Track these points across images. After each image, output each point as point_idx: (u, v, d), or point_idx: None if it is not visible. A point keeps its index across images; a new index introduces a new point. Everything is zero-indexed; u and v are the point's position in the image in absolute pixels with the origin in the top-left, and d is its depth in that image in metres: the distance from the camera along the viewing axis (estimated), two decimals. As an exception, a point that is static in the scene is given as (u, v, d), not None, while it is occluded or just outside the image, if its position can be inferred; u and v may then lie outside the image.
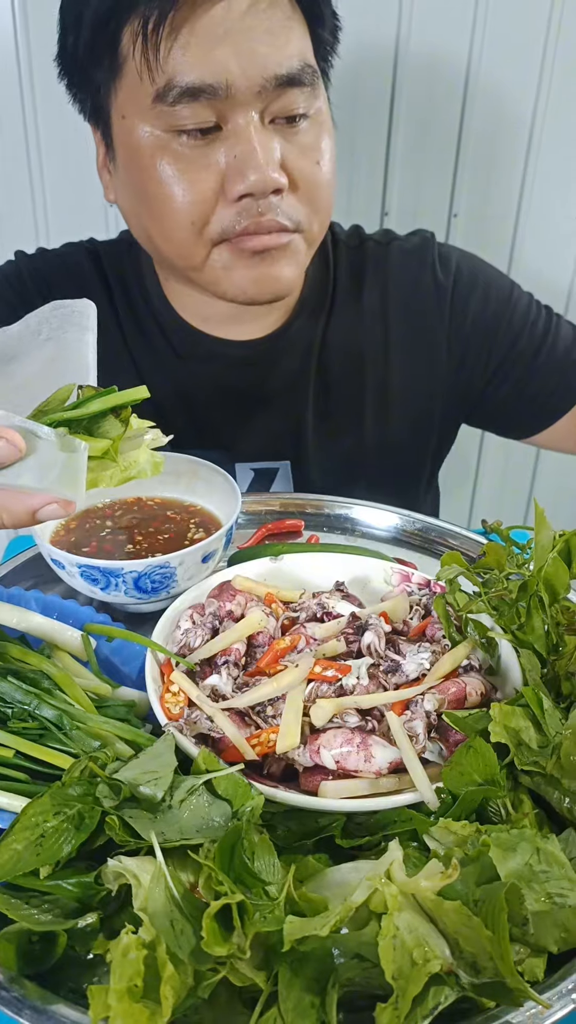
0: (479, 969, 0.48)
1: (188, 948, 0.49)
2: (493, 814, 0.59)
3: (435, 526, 1.05)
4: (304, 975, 0.49)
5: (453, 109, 1.56)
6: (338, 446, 1.21)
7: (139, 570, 0.80)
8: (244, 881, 0.52)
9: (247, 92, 0.88)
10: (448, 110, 1.56)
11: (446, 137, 1.58)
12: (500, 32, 1.49)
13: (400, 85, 1.53)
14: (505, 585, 0.76)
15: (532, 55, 1.52)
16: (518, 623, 0.73)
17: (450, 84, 1.53)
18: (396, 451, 1.23)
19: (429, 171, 1.61)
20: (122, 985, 0.45)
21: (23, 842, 0.54)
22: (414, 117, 1.56)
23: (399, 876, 0.51)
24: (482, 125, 1.56)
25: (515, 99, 1.54)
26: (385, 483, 1.23)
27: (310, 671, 0.68)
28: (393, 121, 1.57)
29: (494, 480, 1.97)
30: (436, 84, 1.53)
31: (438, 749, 0.65)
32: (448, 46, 1.50)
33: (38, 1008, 0.49)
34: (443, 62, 1.51)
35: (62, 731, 0.65)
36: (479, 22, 1.49)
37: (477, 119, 1.56)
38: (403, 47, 1.50)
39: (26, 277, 1.15)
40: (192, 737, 0.65)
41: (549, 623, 0.72)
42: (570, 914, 0.52)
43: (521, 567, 0.81)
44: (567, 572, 0.73)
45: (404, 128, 1.57)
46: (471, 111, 1.55)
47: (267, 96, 0.90)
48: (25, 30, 1.52)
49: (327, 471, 1.21)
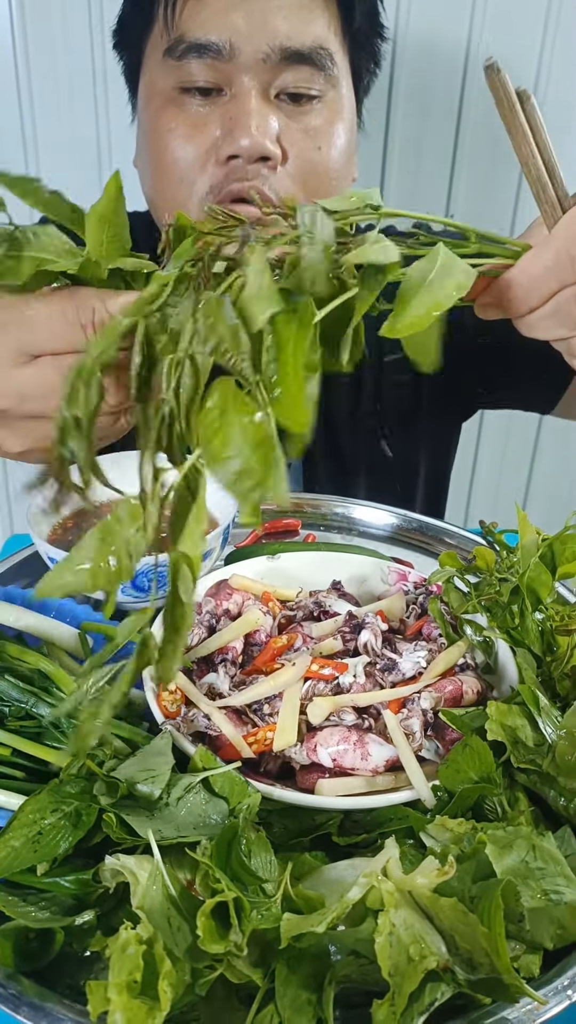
0: (475, 965, 0.48)
1: (185, 945, 0.49)
2: (489, 812, 0.60)
3: (432, 525, 1.05)
4: (301, 972, 0.49)
5: (451, 108, 1.56)
6: (348, 445, 1.21)
7: (136, 568, 0.80)
8: (241, 878, 0.52)
9: (251, 57, 0.90)
10: (447, 106, 1.56)
11: (444, 135, 1.58)
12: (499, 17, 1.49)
13: (397, 81, 1.53)
14: (496, 588, 0.76)
15: (530, 55, 1.52)
16: (513, 624, 0.73)
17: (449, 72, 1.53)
18: (406, 448, 1.23)
19: (426, 168, 1.61)
20: (121, 979, 0.45)
21: (20, 839, 0.54)
22: (411, 118, 1.57)
23: (395, 873, 0.51)
24: (480, 125, 1.56)
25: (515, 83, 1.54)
26: (393, 484, 1.23)
27: (307, 669, 0.68)
28: (391, 122, 1.57)
29: (491, 478, 1.97)
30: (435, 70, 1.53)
31: (434, 747, 0.65)
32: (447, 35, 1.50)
33: (35, 1005, 0.49)
34: (441, 50, 1.52)
35: (59, 729, 0.66)
36: (476, 22, 1.49)
37: (476, 116, 1.56)
38: (401, 40, 1.51)
39: None
40: (189, 735, 0.65)
41: (542, 625, 0.72)
42: (566, 911, 0.52)
43: (510, 570, 0.81)
44: (550, 577, 0.73)
45: (403, 129, 1.58)
46: (468, 111, 1.55)
47: (273, 67, 0.91)
48: (23, 30, 1.52)
49: (337, 470, 1.21)
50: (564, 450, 1.92)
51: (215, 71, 0.92)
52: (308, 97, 0.94)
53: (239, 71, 0.91)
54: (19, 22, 1.51)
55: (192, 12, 0.91)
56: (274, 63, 0.91)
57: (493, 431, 1.89)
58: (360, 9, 0.97)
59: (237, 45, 0.90)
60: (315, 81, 0.93)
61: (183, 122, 0.95)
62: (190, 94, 0.94)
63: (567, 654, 0.70)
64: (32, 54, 1.54)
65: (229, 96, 0.93)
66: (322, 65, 0.93)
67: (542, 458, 1.95)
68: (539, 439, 1.93)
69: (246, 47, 0.90)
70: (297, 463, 1.22)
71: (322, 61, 0.93)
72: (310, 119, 0.95)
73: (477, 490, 1.98)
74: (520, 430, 1.90)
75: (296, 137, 0.94)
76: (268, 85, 0.92)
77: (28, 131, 1.61)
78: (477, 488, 1.98)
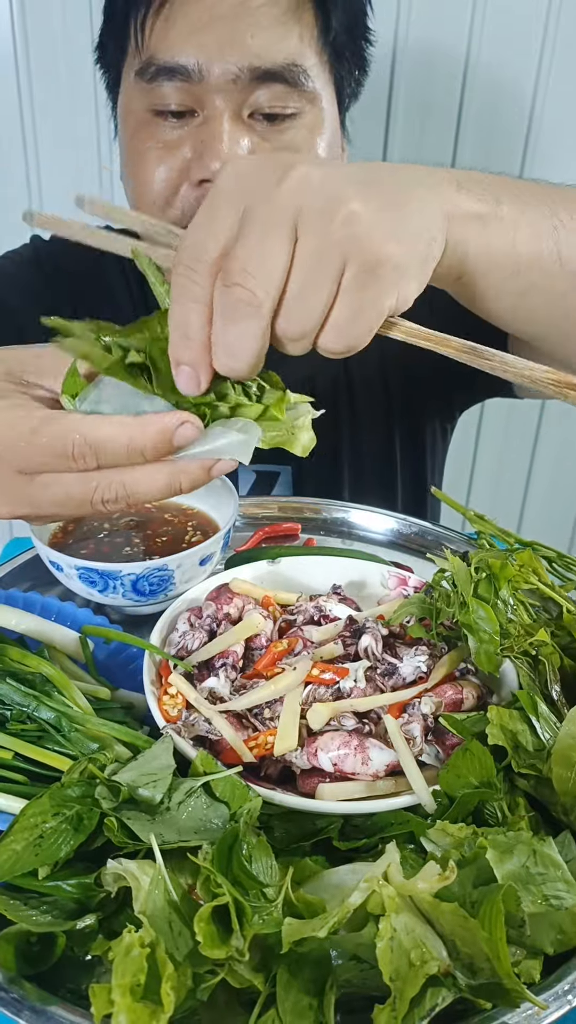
0: (476, 970, 0.48)
1: (186, 950, 0.49)
2: (489, 817, 0.60)
3: (431, 530, 1.06)
4: (302, 977, 0.49)
5: (451, 107, 1.56)
6: (340, 454, 1.21)
7: (137, 572, 0.81)
8: (242, 883, 0.52)
9: (220, 78, 0.88)
10: (446, 117, 1.56)
11: (443, 138, 1.58)
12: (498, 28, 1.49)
13: (397, 84, 1.54)
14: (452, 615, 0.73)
15: (529, 58, 1.52)
16: None
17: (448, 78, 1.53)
18: (398, 460, 1.23)
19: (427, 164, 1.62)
20: (125, 982, 0.45)
21: (22, 842, 0.54)
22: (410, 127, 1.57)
23: (396, 878, 0.51)
24: (479, 126, 1.57)
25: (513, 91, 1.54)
26: (387, 491, 1.23)
27: (307, 674, 0.69)
28: (390, 131, 1.58)
29: (489, 480, 1.97)
30: (434, 79, 1.53)
31: (435, 752, 0.66)
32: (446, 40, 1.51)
33: (37, 1009, 0.49)
34: (441, 57, 1.52)
35: (60, 733, 0.66)
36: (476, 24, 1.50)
37: (475, 127, 1.56)
38: (401, 44, 1.51)
39: (43, 258, 1.15)
40: (190, 739, 0.65)
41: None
42: (566, 916, 0.52)
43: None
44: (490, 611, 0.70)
45: (402, 138, 1.58)
46: (467, 121, 1.56)
47: (244, 87, 0.89)
48: (24, 29, 1.52)
49: (327, 479, 1.21)
50: (564, 451, 1.92)
51: (186, 93, 0.90)
52: (284, 116, 0.92)
53: (210, 92, 0.89)
54: (19, 22, 1.52)
55: (160, 34, 0.89)
56: (245, 83, 0.88)
57: (491, 431, 1.90)
58: (338, 18, 0.93)
59: (206, 67, 0.87)
60: (290, 99, 0.91)
61: (156, 144, 0.93)
62: (163, 116, 0.92)
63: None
64: (32, 54, 1.55)
65: (202, 118, 0.91)
66: (296, 82, 0.90)
67: (542, 459, 1.95)
68: (538, 441, 1.93)
69: (215, 68, 0.87)
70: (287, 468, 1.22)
71: (296, 78, 0.90)
72: (287, 137, 0.93)
73: (477, 490, 1.99)
74: (519, 430, 1.90)
75: None
76: (240, 105, 0.90)
77: (28, 131, 1.61)
78: (477, 489, 1.99)
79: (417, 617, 0.75)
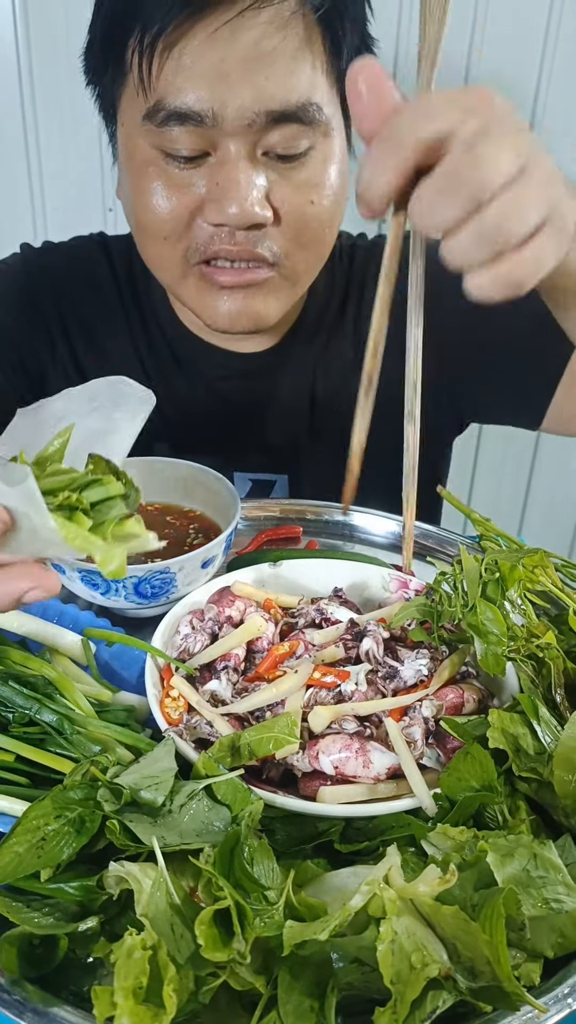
0: (476, 973, 0.48)
1: (188, 953, 0.49)
2: (490, 820, 0.60)
3: (432, 533, 1.06)
4: (303, 979, 0.49)
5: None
6: (338, 464, 1.20)
7: (139, 575, 0.81)
8: (243, 886, 0.53)
9: (236, 123, 0.86)
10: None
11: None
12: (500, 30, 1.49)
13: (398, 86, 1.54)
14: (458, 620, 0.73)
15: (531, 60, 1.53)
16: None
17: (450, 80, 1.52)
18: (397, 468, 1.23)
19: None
20: (128, 984, 0.45)
21: (24, 844, 0.54)
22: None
23: (397, 881, 0.51)
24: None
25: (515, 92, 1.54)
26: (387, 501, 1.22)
27: (309, 677, 0.69)
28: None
29: (490, 483, 1.97)
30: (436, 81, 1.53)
31: (436, 755, 0.66)
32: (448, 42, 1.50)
33: (39, 1011, 0.50)
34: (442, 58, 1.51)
35: (63, 735, 0.66)
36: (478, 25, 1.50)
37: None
38: (403, 48, 1.51)
39: (33, 270, 1.14)
40: (192, 742, 0.65)
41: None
42: (566, 919, 0.52)
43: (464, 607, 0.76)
44: (497, 612, 0.70)
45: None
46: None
47: (259, 129, 0.87)
48: (26, 30, 1.53)
49: (326, 488, 1.21)
50: (564, 453, 1.92)
51: (199, 137, 0.87)
52: (297, 155, 0.90)
53: (224, 136, 0.87)
54: (22, 23, 1.52)
55: (171, 76, 0.85)
56: (260, 126, 0.86)
57: (492, 438, 1.90)
58: (349, 44, 0.91)
59: (220, 113, 0.85)
60: (303, 136, 0.89)
61: (166, 183, 0.91)
62: (174, 158, 0.90)
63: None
64: (35, 54, 1.55)
65: (215, 160, 0.89)
66: (310, 120, 0.88)
67: (542, 461, 1.96)
68: (539, 444, 1.93)
69: (230, 113, 0.85)
70: (283, 478, 1.22)
71: (310, 116, 0.88)
72: (300, 173, 0.91)
73: (477, 493, 1.99)
74: (520, 435, 1.90)
75: (287, 194, 0.91)
76: (254, 146, 0.88)
77: (31, 133, 1.61)
78: (477, 491, 1.99)
79: (418, 620, 0.75)
